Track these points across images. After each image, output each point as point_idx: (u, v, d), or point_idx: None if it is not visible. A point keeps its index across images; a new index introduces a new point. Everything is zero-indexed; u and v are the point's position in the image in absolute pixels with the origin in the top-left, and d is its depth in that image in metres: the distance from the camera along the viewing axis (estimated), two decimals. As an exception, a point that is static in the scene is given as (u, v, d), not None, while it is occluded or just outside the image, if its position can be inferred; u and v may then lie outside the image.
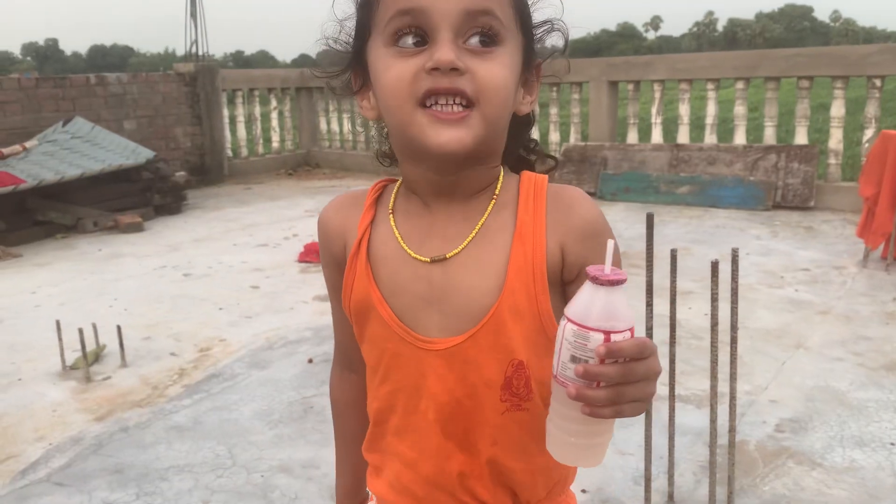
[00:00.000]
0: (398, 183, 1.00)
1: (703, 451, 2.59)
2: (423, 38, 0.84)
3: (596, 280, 0.75)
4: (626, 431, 2.68)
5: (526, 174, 0.97)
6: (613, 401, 0.75)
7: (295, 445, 2.78)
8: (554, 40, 0.96)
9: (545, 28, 0.94)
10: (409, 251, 0.93)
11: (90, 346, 3.61)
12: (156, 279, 5.06)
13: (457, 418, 0.94)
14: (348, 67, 0.95)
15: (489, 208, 0.93)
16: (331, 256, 1.03)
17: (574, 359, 0.75)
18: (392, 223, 0.96)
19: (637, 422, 2.44)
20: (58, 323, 3.56)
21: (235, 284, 4.85)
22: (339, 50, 0.95)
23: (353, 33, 0.93)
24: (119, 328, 3.63)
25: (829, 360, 3.38)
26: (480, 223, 0.93)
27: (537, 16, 0.93)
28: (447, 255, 0.92)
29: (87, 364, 3.48)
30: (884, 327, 3.75)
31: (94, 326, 3.67)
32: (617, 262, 0.98)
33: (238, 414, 3.06)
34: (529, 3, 0.91)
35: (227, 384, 3.35)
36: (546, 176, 0.97)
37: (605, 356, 0.74)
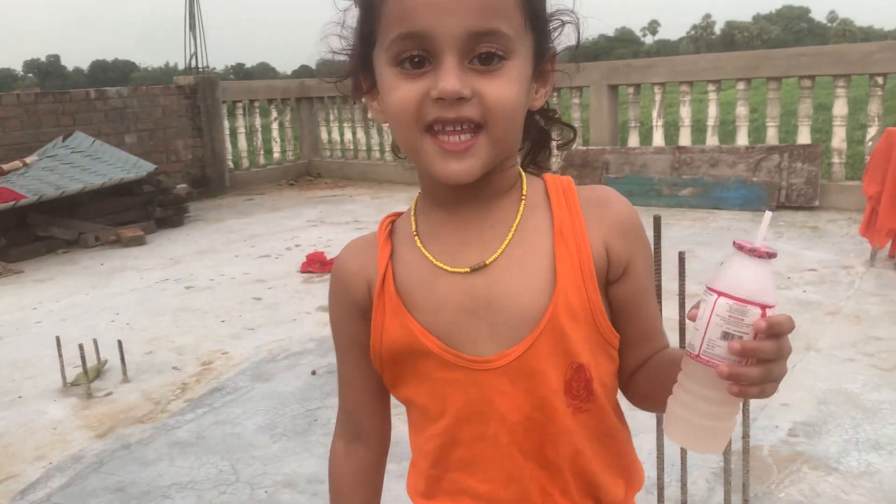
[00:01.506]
0: (413, 205, 0.96)
1: (715, 457, 2.54)
2: (427, 58, 0.80)
3: (754, 252, 0.72)
4: (637, 439, 2.61)
5: (549, 176, 0.95)
6: (764, 378, 0.73)
7: (299, 459, 2.74)
8: (568, 32, 0.90)
9: (558, 22, 0.89)
10: (443, 266, 0.89)
11: (91, 361, 3.57)
12: (158, 292, 5.03)
13: (532, 435, 0.89)
14: (355, 70, 0.91)
15: (521, 209, 0.90)
16: (352, 304, 0.95)
17: (726, 335, 0.72)
18: (419, 244, 0.91)
19: (648, 429, 2.39)
20: (58, 339, 3.53)
21: (237, 296, 4.81)
22: (342, 53, 0.92)
23: (358, 34, 0.89)
24: (120, 343, 3.59)
25: (841, 361, 3.33)
26: (515, 224, 0.89)
27: (551, 3, 0.88)
28: (486, 262, 0.87)
29: (88, 380, 3.44)
30: (894, 327, 3.70)
31: (95, 342, 3.63)
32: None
33: (241, 428, 3.02)
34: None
35: (230, 398, 3.31)
36: (570, 177, 0.95)
37: (766, 331, 0.71)
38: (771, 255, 0.72)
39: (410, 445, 0.98)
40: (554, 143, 1.01)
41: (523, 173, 0.93)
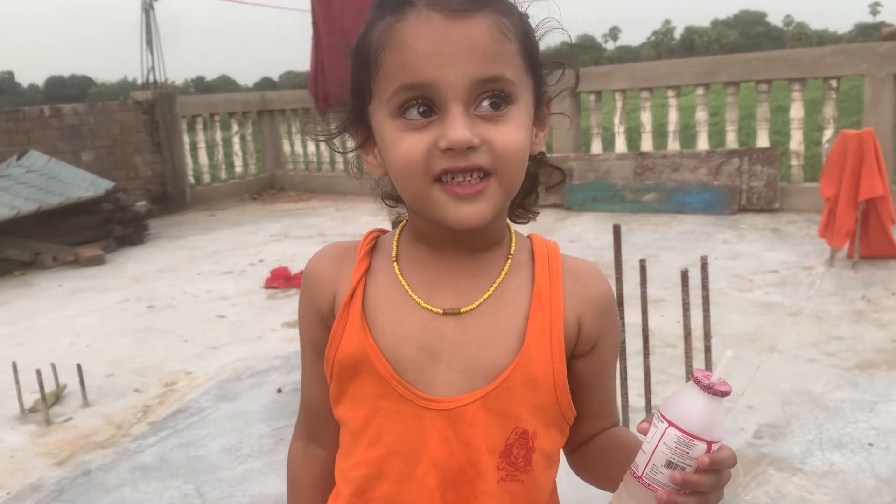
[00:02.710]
0: (398, 231, 0.94)
1: (682, 462, 2.55)
2: (431, 108, 0.79)
3: (710, 389, 0.73)
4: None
5: (536, 238, 0.95)
6: None
7: (266, 480, 2.69)
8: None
9: (554, 65, 0.90)
10: (418, 300, 0.88)
11: (49, 386, 3.49)
12: (119, 313, 4.93)
13: (458, 486, 0.87)
14: (348, 125, 0.90)
15: (506, 267, 0.90)
16: (315, 311, 0.95)
17: (670, 464, 0.74)
18: (397, 271, 0.90)
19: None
20: (14, 364, 3.43)
21: (201, 314, 4.74)
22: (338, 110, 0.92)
23: (353, 87, 0.87)
24: (79, 366, 3.51)
25: (803, 361, 3.38)
26: (499, 281, 0.89)
27: (542, 44, 0.88)
28: (462, 310, 0.87)
29: (46, 406, 3.35)
30: (854, 326, 3.76)
31: (53, 366, 3.54)
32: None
33: (206, 450, 2.96)
34: (537, 37, 0.87)
35: (194, 419, 3.25)
36: (557, 244, 0.95)
37: (709, 467, 0.73)
38: (725, 394, 0.74)
39: (335, 469, 0.96)
40: (542, 186, 1.00)
41: (512, 230, 0.93)
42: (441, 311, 0.87)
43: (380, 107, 0.82)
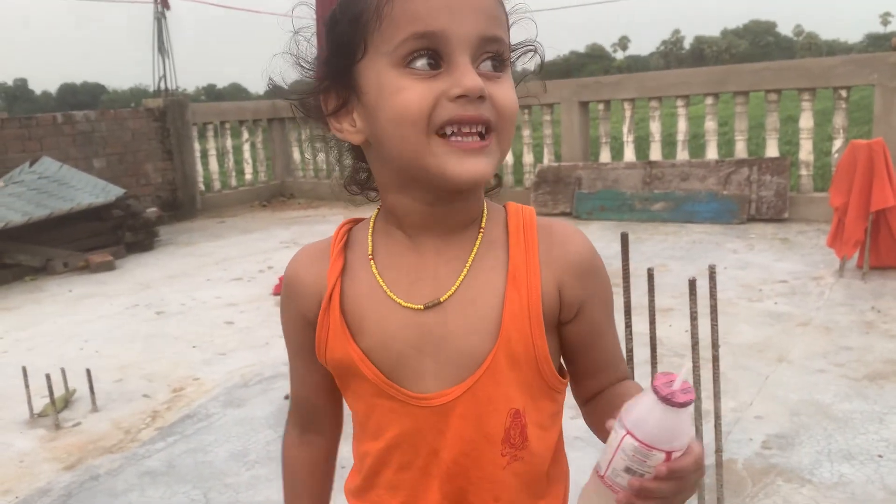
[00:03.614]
0: (371, 222, 0.93)
1: (690, 472, 2.54)
2: (437, 62, 0.79)
3: (667, 400, 0.70)
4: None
5: (512, 206, 0.93)
6: None
7: (272, 487, 2.69)
8: (528, 62, 0.92)
9: (524, 50, 0.90)
10: (397, 300, 0.87)
11: (59, 391, 3.50)
12: (128, 319, 4.95)
13: (455, 477, 0.88)
14: (324, 87, 0.86)
15: (477, 244, 0.88)
16: (299, 316, 0.94)
17: (629, 469, 0.73)
18: (374, 270, 0.89)
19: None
20: (24, 369, 3.45)
21: (209, 321, 4.75)
22: (307, 68, 0.88)
23: (333, 47, 0.85)
24: (89, 371, 3.53)
25: (812, 372, 3.36)
26: (470, 261, 0.87)
27: (514, 35, 0.89)
28: (441, 300, 0.86)
29: (55, 410, 3.37)
30: (864, 337, 3.74)
31: (63, 371, 3.56)
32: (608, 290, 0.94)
33: (213, 456, 2.97)
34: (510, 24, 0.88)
35: (202, 425, 3.26)
36: (533, 209, 0.93)
37: (667, 477, 0.71)
38: (685, 405, 0.71)
39: (353, 449, 0.98)
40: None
41: (485, 202, 0.92)
42: (422, 307, 0.86)
43: (378, 59, 0.80)
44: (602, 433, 0.91)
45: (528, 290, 0.87)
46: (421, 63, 0.79)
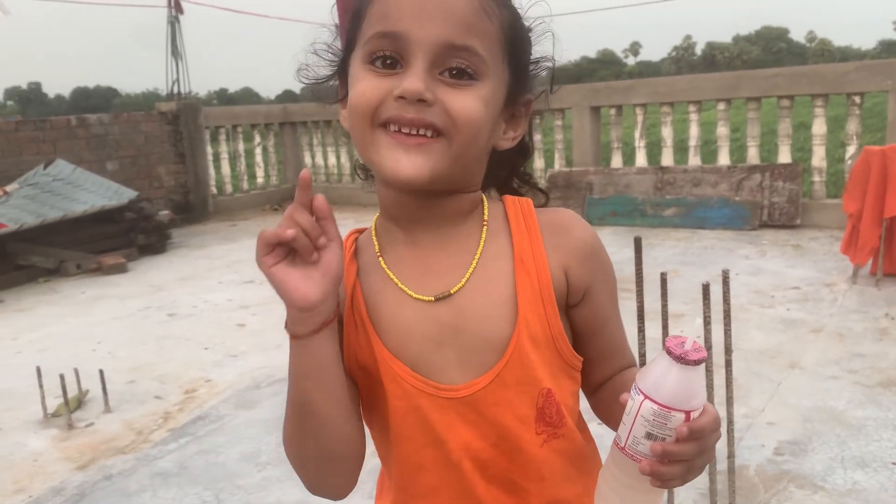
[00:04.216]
0: (373, 224, 0.95)
1: (702, 478, 2.52)
2: (396, 63, 0.82)
3: (682, 359, 0.72)
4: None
5: (508, 198, 0.95)
6: (684, 474, 0.76)
7: (283, 488, 2.70)
8: (545, 74, 0.93)
9: (540, 66, 0.91)
10: (409, 292, 0.88)
11: (72, 391, 3.53)
12: (140, 320, 4.98)
13: (496, 462, 0.89)
14: (335, 75, 0.92)
15: (483, 236, 0.90)
16: None
17: (650, 435, 0.74)
18: (384, 265, 0.90)
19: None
20: (38, 369, 3.48)
21: (221, 323, 4.77)
22: (325, 58, 0.92)
23: (344, 41, 0.90)
24: (102, 372, 3.55)
25: (825, 378, 3.34)
26: (478, 253, 0.89)
27: (536, 50, 0.90)
28: (451, 292, 0.87)
29: (69, 411, 3.39)
30: (877, 343, 3.72)
31: (76, 371, 3.58)
32: (614, 289, 0.95)
33: (225, 457, 2.98)
34: (531, 39, 0.89)
35: (214, 426, 3.27)
36: (530, 199, 0.95)
37: (688, 437, 0.73)
38: (699, 362, 0.72)
39: (382, 474, 0.98)
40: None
41: (484, 198, 0.94)
42: (433, 299, 0.87)
43: (356, 53, 0.85)
44: (611, 421, 0.94)
45: (538, 273, 0.88)
46: (381, 62, 0.82)
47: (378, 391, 0.90)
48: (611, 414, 0.96)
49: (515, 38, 0.87)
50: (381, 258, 0.91)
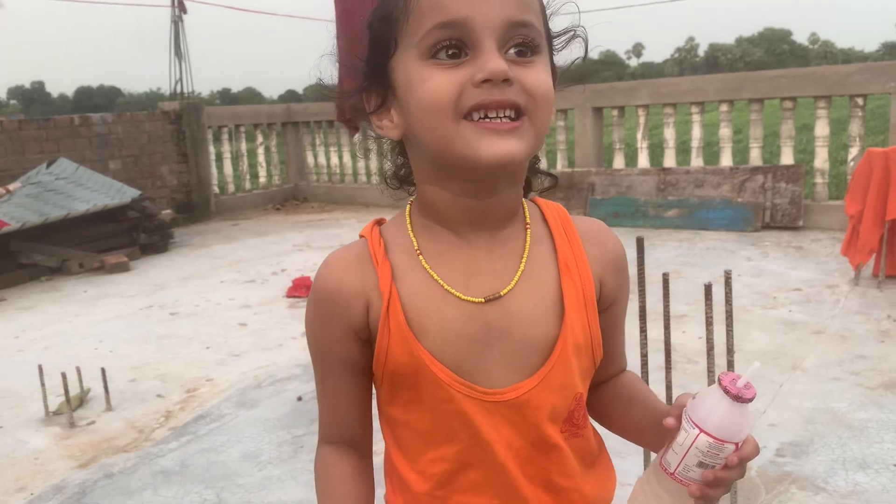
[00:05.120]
0: (407, 219, 0.92)
1: (703, 479, 2.53)
2: (462, 51, 0.80)
3: (739, 398, 0.78)
4: (625, 462, 2.61)
5: (541, 200, 0.96)
6: (724, 492, 0.84)
7: (284, 487, 2.71)
8: (574, 50, 0.91)
9: (566, 37, 0.90)
10: (457, 294, 0.87)
11: (74, 390, 3.53)
12: (142, 319, 4.98)
13: (535, 461, 0.91)
14: (366, 86, 0.88)
15: (528, 240, 0.90)
16: (347, 327, 0.90)
17: (701, 464, 0.80)
18: (426, 266, 0.88)
19: (635, 451, 2.38)
20: (40, 368, 3.48)
21: (223, 322, 4.78)
22: (348, 71, 0.91)
23: (372, 46, 0.87)
24: (104, 371, 3.55)
25: (827, 380, 3.34)
26: (525, 256, 0.90)
27: (554, 24, 0.90)
28: (501, 293, 0.87)
29: (70, 409, 3.39)
30: (879, 345, 3.71)
31: (78, 370, 3.59)
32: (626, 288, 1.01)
33: (226, 456, 2.98)
34: (548, 12, 0.88)
35: (215, 425, 3.27)
36: (560, 205, 0.97)
37: (738, 466, 0.80)
38: (751, 400, 0.79)
39: (397, 468, 0.95)
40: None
41: (522, 198, 0.94)
42: (483, 300, 0.87)
43: (407, 53, 0.82)
44: (606, 420, 1.02)
45: (581, 280, 0.90)
46: (443, 55, 0.80)
47: (417, 394, 0.89)
48: (607, 413, 1.02)
49: (544, 13, 0.87)
50: (421, 256, 0.89)
